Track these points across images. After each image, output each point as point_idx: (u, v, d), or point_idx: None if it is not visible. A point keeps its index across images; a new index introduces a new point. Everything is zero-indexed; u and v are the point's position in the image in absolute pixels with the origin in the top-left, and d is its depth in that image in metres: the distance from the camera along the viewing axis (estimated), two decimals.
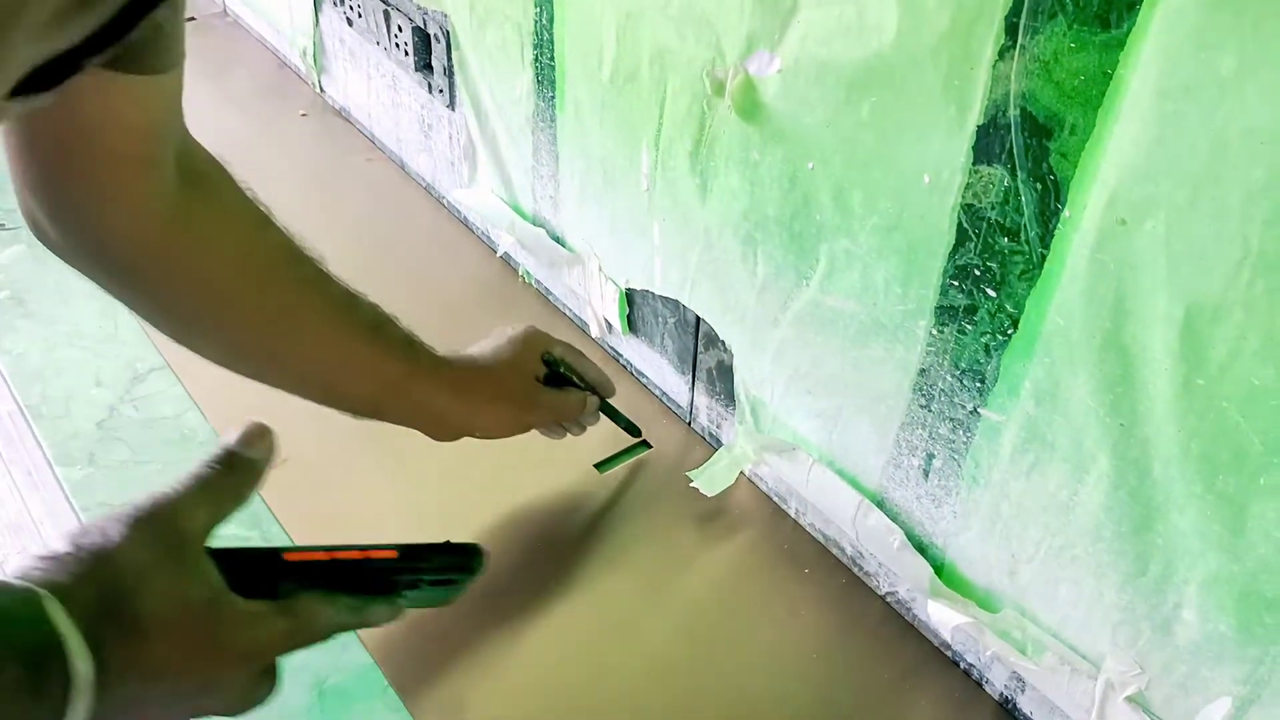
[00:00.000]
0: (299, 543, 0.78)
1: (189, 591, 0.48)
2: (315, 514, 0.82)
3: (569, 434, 0.83)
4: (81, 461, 0.85)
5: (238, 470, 0.52)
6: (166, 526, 0.48)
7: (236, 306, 0.66)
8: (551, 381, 0.79)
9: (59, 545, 0.46)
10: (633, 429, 0.87)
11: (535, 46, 0.86)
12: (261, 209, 0.67)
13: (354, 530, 0.81)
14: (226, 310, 0.66)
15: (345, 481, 0.85)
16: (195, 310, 0.66)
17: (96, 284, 0.64)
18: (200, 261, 0.64)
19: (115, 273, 0.63)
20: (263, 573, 0.52)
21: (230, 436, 0.53)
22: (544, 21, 0.84)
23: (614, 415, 0.86)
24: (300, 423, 0.89)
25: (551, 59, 0.85)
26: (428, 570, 0.57)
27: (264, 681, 0.52)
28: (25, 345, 0.95)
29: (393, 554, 0.55)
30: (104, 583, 0.45)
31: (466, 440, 0.87)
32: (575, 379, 0.80)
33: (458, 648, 0.74)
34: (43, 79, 0.36)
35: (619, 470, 0.87)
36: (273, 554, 0.53)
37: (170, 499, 0.49)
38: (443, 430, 0.76)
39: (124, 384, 0.92)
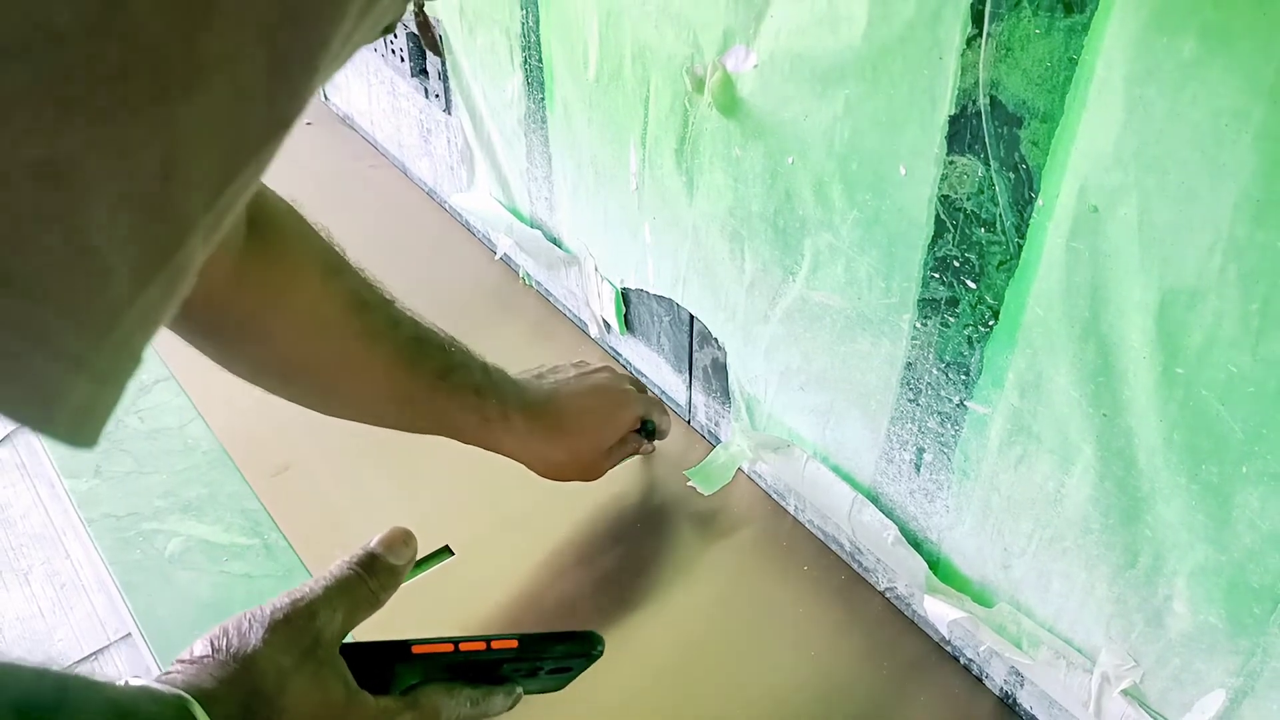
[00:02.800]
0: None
1: (326, 694, 0.49)
2: (317, 522, 0.82)
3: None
4: (87, 473, 0.86)
5: (378, 574, 0.53)
6: (304, 629, 0.49)
7: (301, 359, 0.65)
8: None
9: (199, 649, 0.47)
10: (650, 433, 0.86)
11: (523, 49, 0.86)
12: (332, 254, 0.65)
13: (354, 536, 0.81)
14: (291, 362, 0.65)
15: (347, 489, 0.85)
16: (260, 360, 0.65)
17: (171, 330, 0.63)
18: (264, 317, 0.62)
19: (180, 323, 0.62)
20: (386, 665, 0.53)
21: (373, 540, 0.54)
22: (530, 23, 0.84)
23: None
24: (303, 432, 0.90)
25: (539, 60, 0.85)
26: (548, 659, 0.57)
27: None
28: None
29: (514, 644, 0.55)
30: (246, 687, 0.47)
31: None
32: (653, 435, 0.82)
33: None
34: None
35: (619, 470, 0.87)
36: (402, 646, 0.53)
37: (308, 600, 0.50)
38: (537, 460, 0.76)
39: (129, 395, 0.93)
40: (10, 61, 0.21)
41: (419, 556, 0.78)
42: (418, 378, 0.68)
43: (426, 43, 1.00)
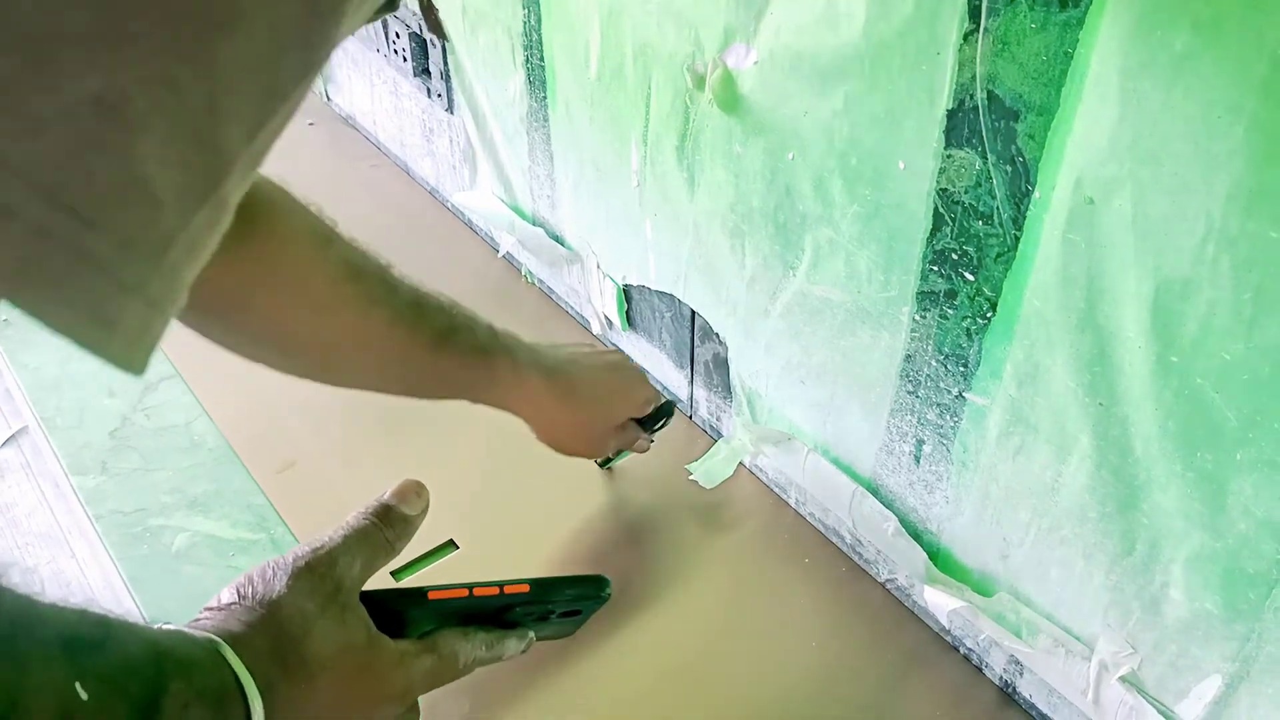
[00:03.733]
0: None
1: (349, 636, 0.51)
2: (323, 517, 0.83)
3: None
4: (95, 470, 0.86)
5: (393, 524, 0.55)
6: (325, 576, 0.51)
7: (300, 332, 0.66)
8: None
9: (225, 596, 0.49)
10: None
11: (525, 48, 0.87)
12: (323, 227, 0.66)
13: None
14: (291, 336, 0.66)
15: (352, 485, 0.86)
16: (260, 337, 0.65)
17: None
18: (260, 293, 0.63)
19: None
20: (404, 610, 0.54)
21: (387, 492, 0.56)
22: (532, 22, 0.85)
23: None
24: (308, 428, 0.90)
25: (541, 59, 0.86)
26: (559, 602, 0.59)
27: (410, 717, 0.56)
28: (40, 359, 0.97)
29: (525, 588, 0.57)
30: (273, 630, 0.48)
31: (468, 437, 0.88)
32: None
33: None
34: None
35: (620, 465, 0.87)
36: (419, 594, 0.55)
37: (328, 549, 0.52)
38: (546, 426, 0.77)
39: (136, 394, 0.94)
40: (70, 5, 0.23)
41: (423, 552, 0.79)
42: (418, 341, 0.68)
43: (430, 25, 1.02)
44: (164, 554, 0.80)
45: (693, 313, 0.84)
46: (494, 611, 0.57)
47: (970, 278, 0.58)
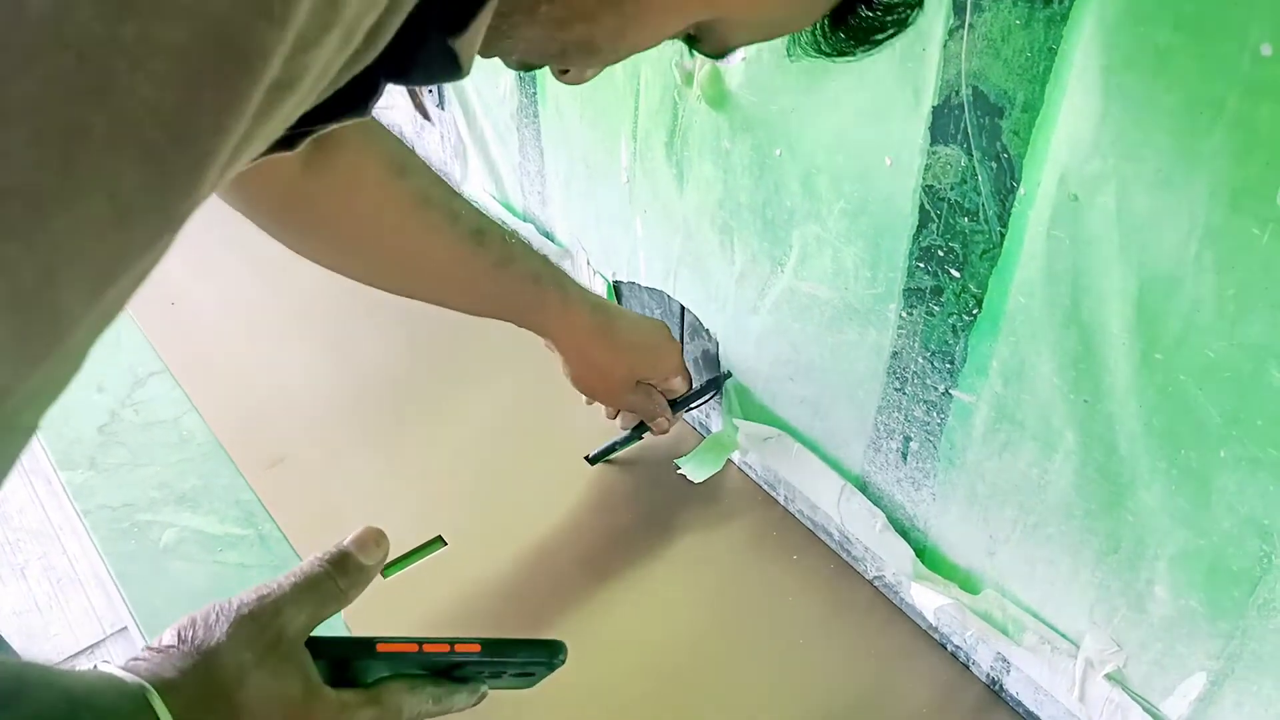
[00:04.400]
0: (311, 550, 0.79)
1: (284, 688, 0.50)
2: (311, 514, 0.83)
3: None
4: (83, 465, 0.86)
5: (348, 572, 0.54)
6: (267, 625, 0.50)
7: (369, 249, 0.73)
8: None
9: (166, 638, 0.49)
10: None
11: None
12: (399, 153, 0.71)
13: (347, 527, 0.82)
14: (360, 251, 0.73)
15: (341, 481, 0.86)
16: (333, 250, 0.73)
17: (246, 217, 0.69)
18: (333, 215, 0.70)
19: (260, 218, 0.69)
20: (351, 659, 0.53)
21: (347, 539, 0.55)
22: None
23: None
24: (297, 425, 0.90)
25: None
26: (511, 664, 0.58)
27: None
28: None
29: (477, 648, 0.55)
30: (206, 679, 0.48)
31: (460, 433, 0.88)
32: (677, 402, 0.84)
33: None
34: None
35: (610, 461, 0.87)
36: (367, 643, 0.54)
37: (274, 598, 0.51)
38: (585, 364, 0.81)
39: (124, 389, 0.94)
40: None
41: (412, 548, 0.79)
42: (478, 266, 0.74)
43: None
44: (152, 549, 0.80)
45: (683, 309, 0.84)
46: (445, 667, 0.56)
47: (956, 274, 0.58)
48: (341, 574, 0.54)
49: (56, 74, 0.23)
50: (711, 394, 0.84)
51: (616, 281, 0.90)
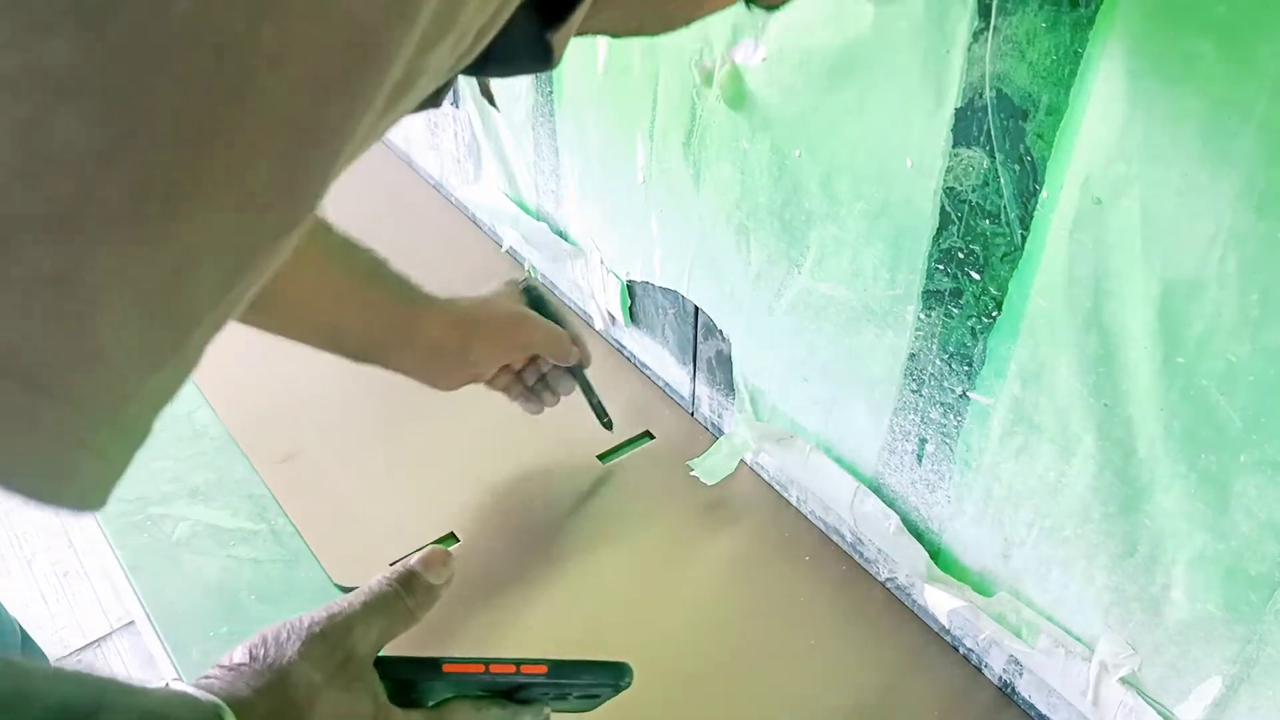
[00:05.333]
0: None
1: (356, 707, 0.50)
2: (323, 508, 0.83)
3: (546, 405, 0.85)
4: None
5: (415, 592, 0.54)
6: (338, 645, 0.50)
7: None
8: None
9: (238, 656, 0.49)
10: (601, 411, 0.87)
11: None
12: None
13: (359, 522, 0.82)
14: None
15: (353, 477, 0.86)
16: None
17: None
18: None
19: None
20: (416, 680, 0.53)
21: (414, 558, 0.55)
22: None
23: (588, 392, 0.86)
24: (307, 418, 0.90)
25: None
26: (576, 686, 0.57)
27: None
28: None
29: (544, 669, 0.55)
30: (279, 697, 0.48)
31: (473, 432, 0.88)
32: (550, 313, 0.82)
33: (461, 634, 0.74)
34: None
35: (623, 461, 0.87)
36: (433, 663, 0.54)
37: (345, 616, 0.51)
38: (442, 363, 0.78)
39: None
40: (23, 188, 0.22)
41: (424, 544, 0.79)
42: (350, 270, 0.72)
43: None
44: (164, 543, 0.80)
45: (696, 309, 0.84)
46: (509, 688, 0.56)
47: (976, 276, 0.58)
48: (410, 594, 0.54)
49: (195, 72, 0.23)
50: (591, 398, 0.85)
51: (630, 281, 0.90)
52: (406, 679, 0.53)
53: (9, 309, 0.23)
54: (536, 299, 0.82)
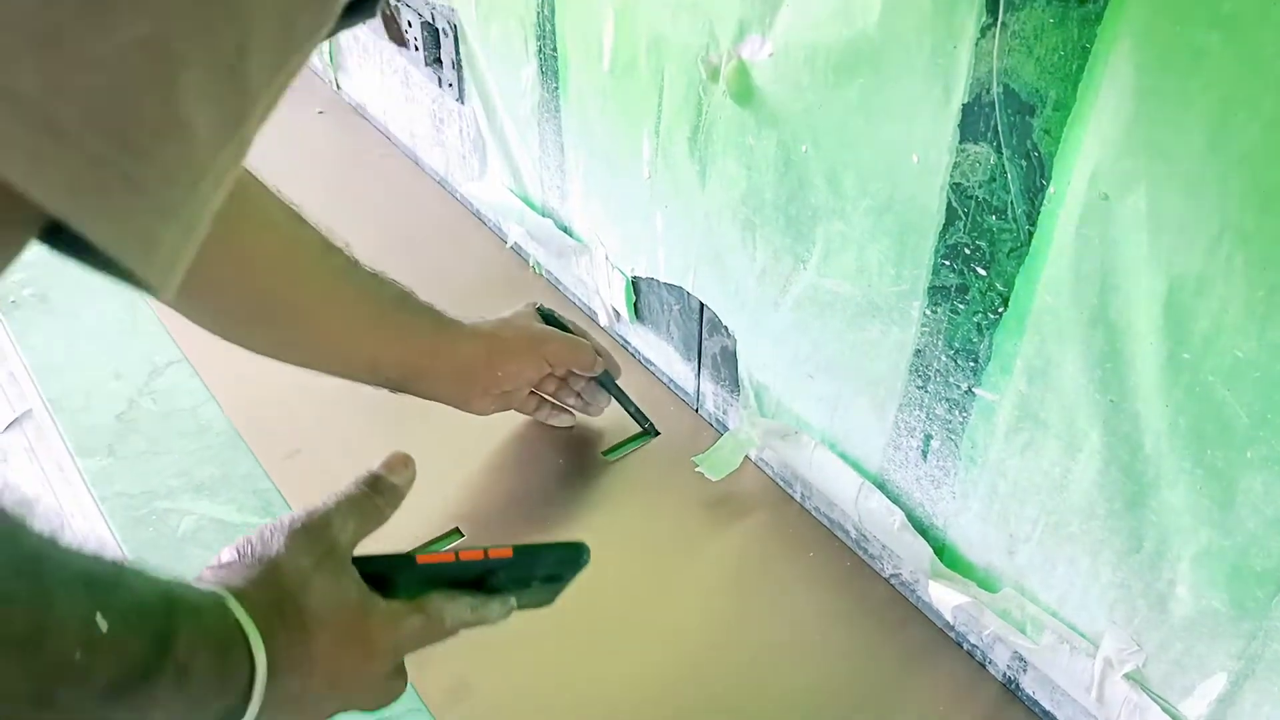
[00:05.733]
0: None
1: (343, 593, 0.54)
2: None
3: (584, 413, 0.87)
4: (101, 453, 0.87)
5: (383, 492, 0.59)
6: (320, 537, 0.54)
7: (280, 303, 0.72)
8: None
9: (225, 556, 0.52)
10: (642, 418, 0.88)
11: (538, 38, 0.87)
12: (292, 209, 0.71)
13: None
14: (271, 308, 0.72)
15: (355, 470, 0.86)
16: (244, 312, 0.72)
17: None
18: (243, 270, 0.69)
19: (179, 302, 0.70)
20: (392, 574, 0.57)
21: (378, 464, 0.60)
22: (546, 13, 0.85)
23: (624, 401, 0.87)
24: (313, 413, 0.91)
25: (554, 50, 0.86)
26: (540, 566, 0.62)
27: (398, 679, 0.59)
28: (47, 341, 0.97)
29: (509, 553, 0.60)
30: (273, 585, 0.51)
31: (477, 428, 0.88)
32: (568, 329, 0.84)
33: (463, 633, 0.74)
34: None
35: (627, 457, 0.88)
36: (407, 557, 0.57)
37: (323, 513, 0.55)
38: (472, 384, 0.79)
39: (143, 377, 0.94)
40: None
41: (429, 539, 0.80)
42: (383, 302, 0.75)
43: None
44: (169, 537, 0.80)
45: (701, 305, 0.84)
46: (478, 577, 0.60)
47: (982, 272, 0.58)
48: (378, 494, 0.58)
49: None
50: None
51: (635, 278, 0.90)
52: (383, 573, 0.56)
53: (109, 78, 0.26)
54: (552, 319, 0.84)
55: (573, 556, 0.63)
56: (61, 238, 0.27)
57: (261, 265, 0.70)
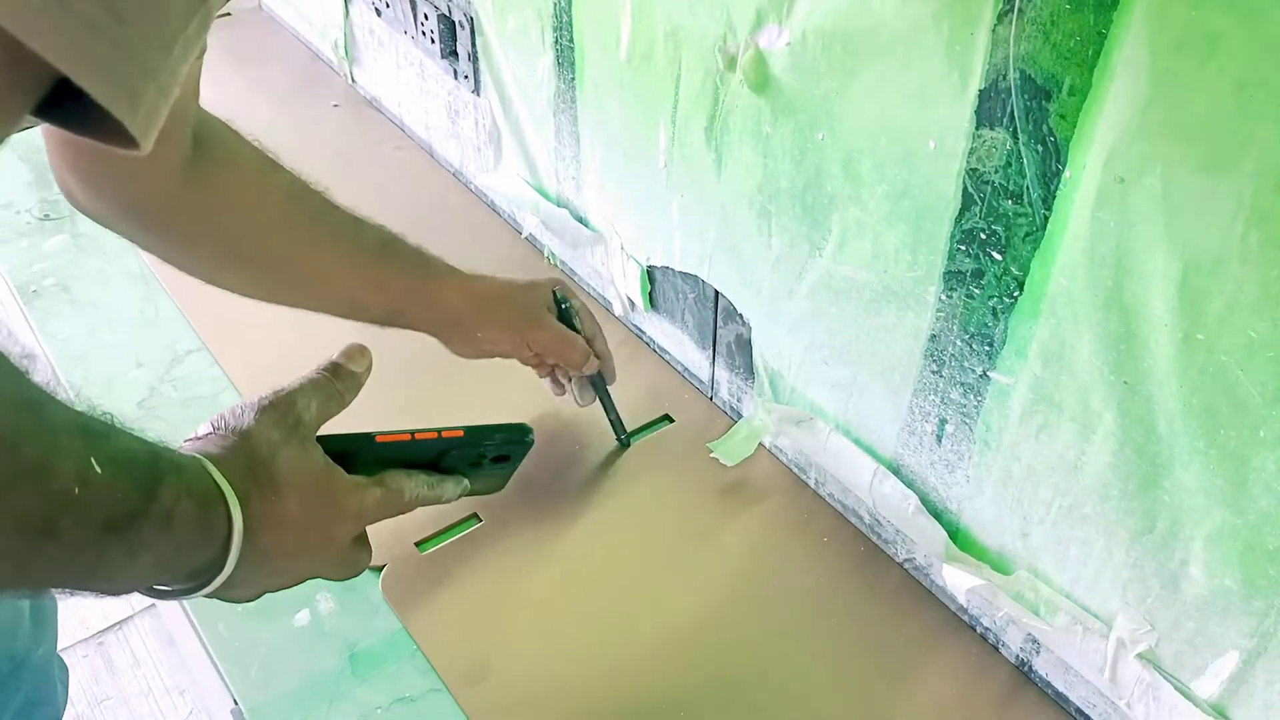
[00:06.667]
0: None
1: (309, 462, 0.58)
2: None
3: (575, 401, 0.87)
4: None
5: (342, 378, 0.63)
6: (287, 412, 0.58)
7: (256, 245, 0.75)
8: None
9: (201, 430, 0.57)
10: (619, 429, 0.88)
11: (555, 29, 0.88)
12: (268, 155, 0.75)
13: None
14: (248, 249, 0.75)
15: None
16: (222, 253, 0.75)
17: (129, 240, 0.74)
18: (219, 211, 0.73)
19: (145, 230, 0.73)
20: (353, 452, 0.62)
21: (337, 352, 0.64)
22: (563, 4, 0.86)
23: (607, 407, 0.87)
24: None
25: (571, 41, 0.87)
26: (489, 445, 0.69)
27: (361, 550, 0.64)
28: (69, 330, 0.98)
29: (460, 433, 0.67)
30: (245, 452, 0.55)
31: (493, 413, 0.89)
32: (576, 327, 0.84)
33: (484, 612, 0.76)
34: None
35: (642, 444, 0.88)
36: (367, 436, 0.63)
37: (289, 392, 0.60)
38: (455, 332, 0.82)
39: (163, 365, 0.95)
40: None
41: (447, 525, 0.81)
42: (363, 245, 0.77)
43: None
44: None
45: (716, 294, 0.85)
46: (433, 457, 0.66)
47: (998, 257, 0.59)
48: (338, 379, 0.63)
49: None
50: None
51: (650, 266, 0.91)
52: (345, 451, 0.61)
53: None
54: (565, 313, 0.84)
55: (519, 436, 0.70)
56: (50, 110, 0.34)
57: (235, 209, 0.73)
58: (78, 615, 1.70)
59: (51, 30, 0.31)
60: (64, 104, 0.34)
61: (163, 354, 0.96)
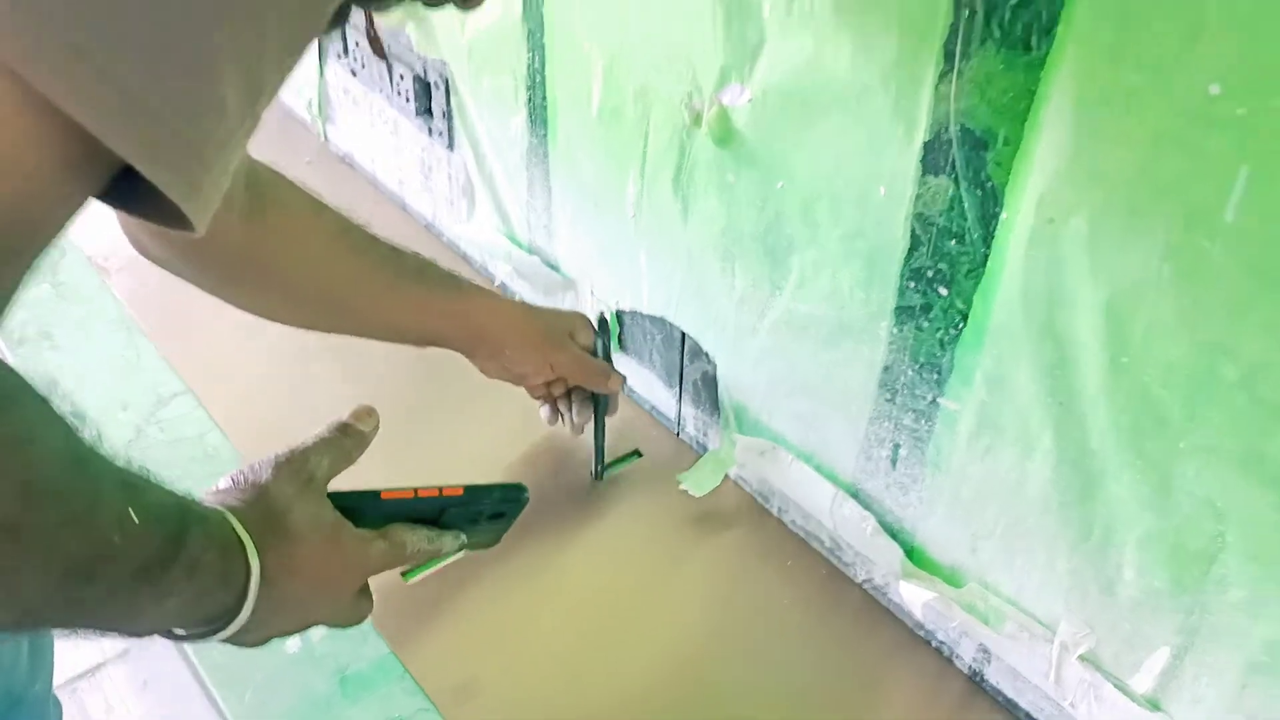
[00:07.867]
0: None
1: (321, 516, 0.62)
2: None
3: (567, 427, 0.92)
4: None
5: (351, 436, 0.67)
6: (300, 469, 0.62)
7: (310, 280, 0.82)
8: None
9: (222, 484, 0.61)
10: (599, 458, 0.93)
11: (528, 89, 0.94)
12: (313, 197, 0.82)
13: None
14: (302, 285, 0.82)
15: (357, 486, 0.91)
16: (279, 291, 0.82)
17: (192, 283, 0.80)
18: (275, 252, 0.80)
19: (208, 275, 0.80)
20: (359, 507, 0.65)
21: (347, 414, 0.69)
22: (536, 65, 0.92)
23: (598, 435, 0.92)
24: (314, 431, 0.95)
25: (544, 99, 0.93)
26: (488, 502, 0.73)
27: (364, 599, 0.67)
28: (53, 375, 1.01)
29: (459, 491, 0.70)
30: (263, 506, 0.59)
31: (473, 451, 0.93)
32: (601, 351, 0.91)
33: (470, 637, 0.79)
34: None
35: (613, 477, 0.93)
36: (373, 494, 0.67)
37: (303, 450, 0.64)
38: (483, 348, 0.88)
39: (148, 407, 0.98)
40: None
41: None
42: (403, 273, 0.85)
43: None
44: None
45: (683, 335, 0.90)
46: (434, 513, 0.69)
47: (944, 292, 0.65)
48: (347, 437, 0.67)
49: None
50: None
51: (619, 311, 0.96)
52: (352, 506, 0.64)
53: (177, 80, 0.37)
54: (603, 334, 0.91)
55: (514, 495, 0.74)
56: (111, 194, 0.39)
57: (289, 248, 0.80)
58: (76, 650, 1.69)
59: (123, 127, 0.36)
60: (119, 187, 0.39)
61: (146, 397, 0.99)
